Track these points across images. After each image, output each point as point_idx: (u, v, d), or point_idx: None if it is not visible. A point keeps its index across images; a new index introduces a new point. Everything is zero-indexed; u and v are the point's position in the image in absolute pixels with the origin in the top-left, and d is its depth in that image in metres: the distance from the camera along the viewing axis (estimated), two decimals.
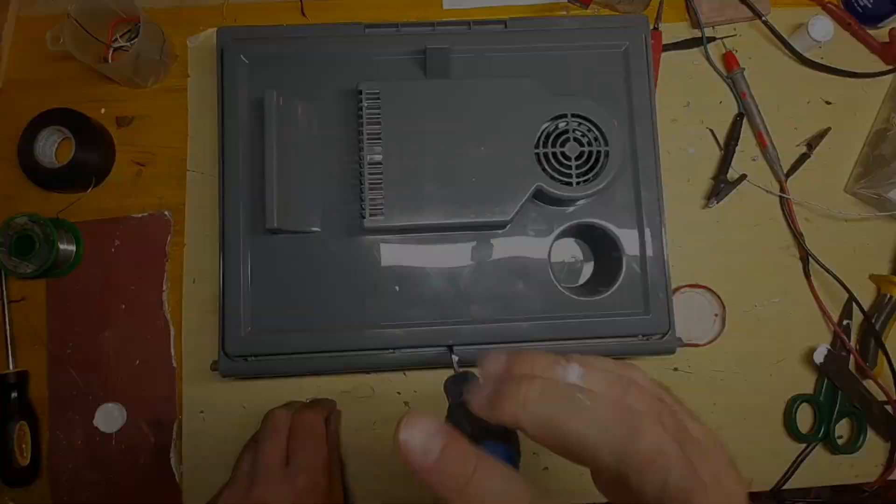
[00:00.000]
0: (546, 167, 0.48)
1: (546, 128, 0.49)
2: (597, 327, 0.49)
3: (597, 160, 0.48)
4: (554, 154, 0.48)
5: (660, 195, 0.51)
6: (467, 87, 0.49)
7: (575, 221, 0.50)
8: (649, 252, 0.50)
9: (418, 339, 0.48)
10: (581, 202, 0.50)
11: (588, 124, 0.49)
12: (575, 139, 0.48)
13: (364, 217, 0.47)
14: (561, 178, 0.48)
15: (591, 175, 0.48)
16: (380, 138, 0.48)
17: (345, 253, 0.50)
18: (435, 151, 0.48)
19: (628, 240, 0.50)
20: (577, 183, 0.48)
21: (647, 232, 0.50)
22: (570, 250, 0.54)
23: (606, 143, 0.48)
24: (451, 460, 0.22)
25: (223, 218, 0.49)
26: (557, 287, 0.50)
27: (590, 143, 0.48)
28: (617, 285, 0.50)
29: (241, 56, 0.51)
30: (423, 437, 0.22)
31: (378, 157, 0.47)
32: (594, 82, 0.52)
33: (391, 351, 0.49)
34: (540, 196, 0.49)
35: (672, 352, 0.50)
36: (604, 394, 0.24)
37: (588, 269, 0.54)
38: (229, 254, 0.49)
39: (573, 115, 0.48)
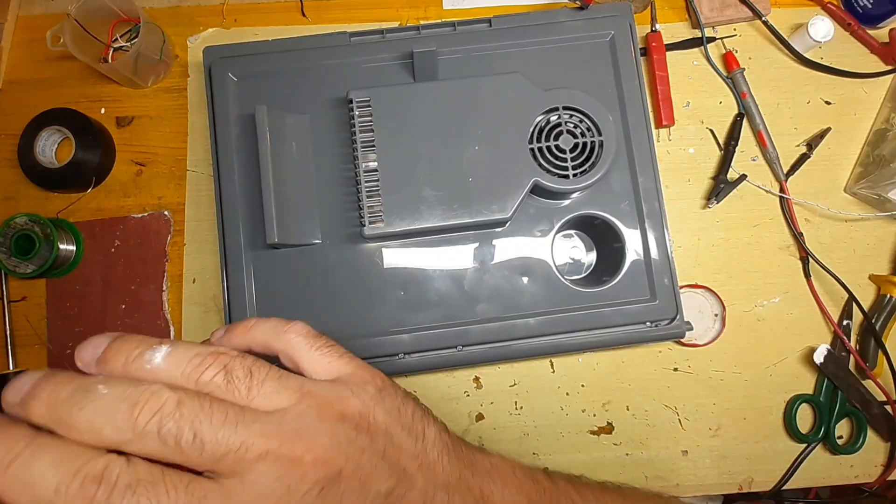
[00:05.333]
0: (542, 161, 0.48)
1: (539, 122, 0.49)
2: (604, 317, 0.49)
3: (591, 151, 0.48)
4: (548, 148, 0.48)
5: (657, 181, 0.51)
6: (457, 88, 0.49)
7: (575, 214, 0.51)
8: (651, 238, 0.50)
9: (427, 342, 0.49)
10: (579, 194, 0.50)
11: (580, 116, 0.49)
12: (568, 131, 0.49)
13: (364, 225, 0.47)
14: (557, 171, 0.48)
15: (586, 166, 0.48)
16: (373, 145, 0.48)
17: (348, 262, 0.50)
18: (430, 154, 0.48)
19: (629, 228, 0.50)
20: (574, 175, 0.48)
21: (647, 219, 0.50)
22: (571, 243, 0.54)
23: (600, 134, 0.48)
24: None
25: (223, 235, 0.49)
26: (562, 280, 0.50)
27: (583, 135, 0.49)
28: (621, 274, 0.50)
29: (230, 74, 0.51)
30: None
31: (373, 164, 0.48)
32: (583, 73, 0.52)
33: (400, 356, 0.49)
34: (538, 191, 0.49)
35: (682, 336, 0.50)
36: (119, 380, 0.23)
37: (591, 261, 0.54)
38: (232, 271, 0.49)
39: (565, 108, 0.49)
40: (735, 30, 0.60)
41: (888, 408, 0.54)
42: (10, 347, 0.54)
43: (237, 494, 0.23)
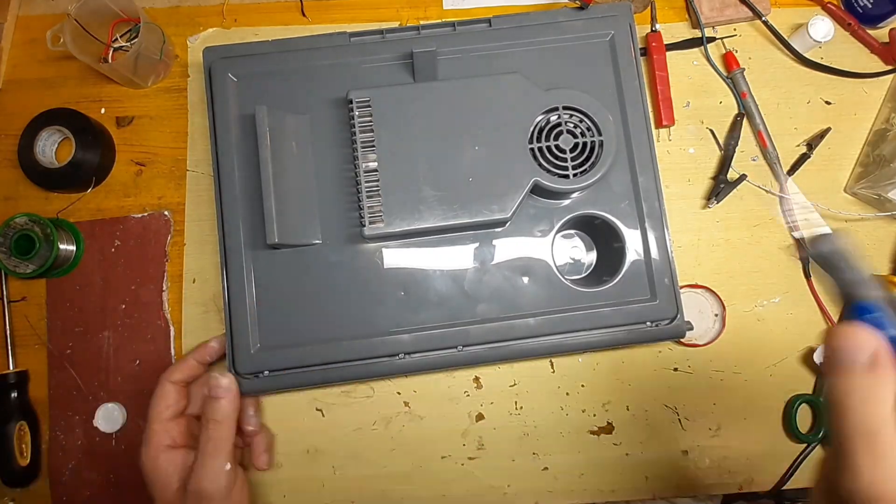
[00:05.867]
0: (542, 161, 0.48)
1: (539, 122, 0.49)
2: (604, 317, 0.49)
3: (591, 151, 0.48)
4: (549, 148, 0.48)
5: (657, 181, 0.51)
6: (457, 88, 0.49)
7: (575, 214, 0.51)
8: (651, 238, 0.50)
9: (427, 342, 0.49)
10: (579, 194, 0.50)
11: (580, 115, 0.49)
12: (568, 131, 0.49)
13: (364, 225, 0.47)
14: (557, 171, 0.48)
15: (586, 166, 0.48)
16: (373, 145, 0.48)
17: (348, 262, 0.50)
18: (430, 154, 0.48)
19: (629, 228, 0.50)
20: (574, 175, 0.48)
21: (647, 219, 0.50)
22: (571, 243, 0.54)
23: (600, 133, 0.48)
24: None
25: (223, 236, 0.49)
26: (562, 280, 0.50)
27: (583, 135, 0.49)
28: (621, 274, 0.50)
29: (230, 74, 0.51)
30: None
31: (373, 165, 0.48)
32: (583, 73, 0.52)
33: (401, 356, 0.49)
34: (538, 191, 0.49)
35: (682, 336, 0.50)
36: None
37: (591, 260, 0.54)
38: (232, 271, 0.49)
39: (565, 108, 0.49)
40: (735, 30, 0.60)
41: None
42: (10, 347, 0.54)
43: None
